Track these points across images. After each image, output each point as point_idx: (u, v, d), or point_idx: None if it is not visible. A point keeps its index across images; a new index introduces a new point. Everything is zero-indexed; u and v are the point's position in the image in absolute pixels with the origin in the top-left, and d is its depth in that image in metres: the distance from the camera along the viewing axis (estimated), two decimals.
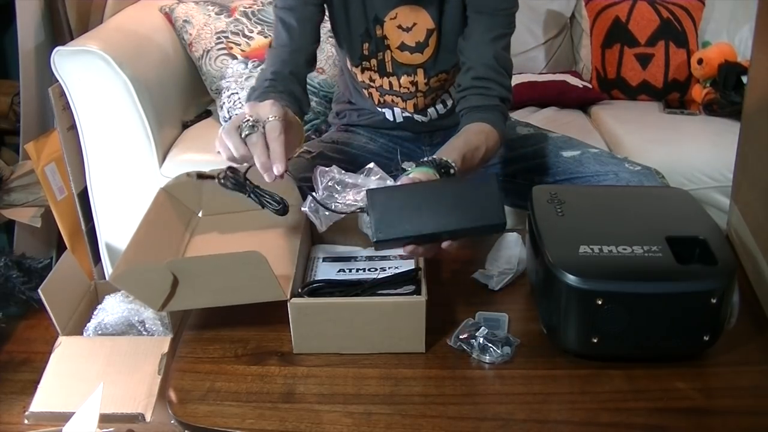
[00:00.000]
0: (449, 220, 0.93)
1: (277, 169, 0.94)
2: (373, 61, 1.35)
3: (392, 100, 1.41)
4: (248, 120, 0.95)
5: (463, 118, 1.26)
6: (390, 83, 1.37)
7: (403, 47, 1.32)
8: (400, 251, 1.08)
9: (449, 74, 1.38)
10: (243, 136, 0.94)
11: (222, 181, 0.96)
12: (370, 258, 1.10)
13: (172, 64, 1.89)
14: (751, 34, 1.99)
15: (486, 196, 0.94)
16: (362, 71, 1.37)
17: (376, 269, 1.07)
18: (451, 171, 1.05)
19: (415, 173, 1.01)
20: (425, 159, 1.06)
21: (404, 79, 1.36)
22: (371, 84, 1.39)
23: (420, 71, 1.35)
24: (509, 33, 1.28)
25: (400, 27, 1.30)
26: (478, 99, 1.25)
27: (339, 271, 1.08)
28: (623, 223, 1.01)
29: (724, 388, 0.91)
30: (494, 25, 1.25)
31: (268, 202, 0.91)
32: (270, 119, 0.95)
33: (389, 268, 1.07)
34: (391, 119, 1.45)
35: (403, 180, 1.00)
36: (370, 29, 1.31)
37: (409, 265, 1.07)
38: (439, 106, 1.43)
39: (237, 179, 0.96)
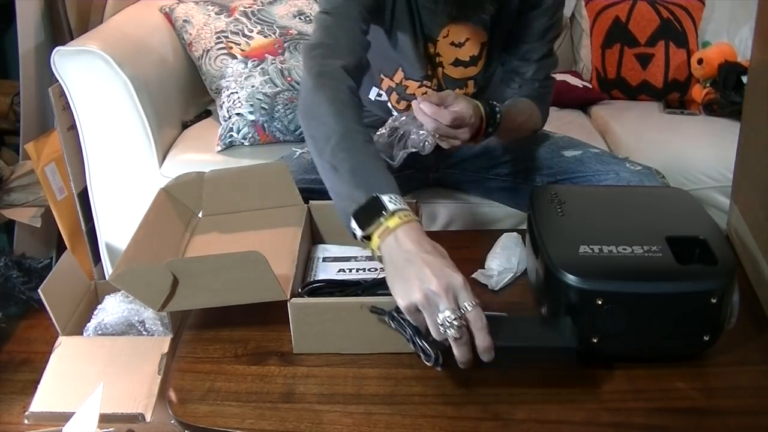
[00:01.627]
0: None
1: (487, 358, 0.86)
2: (435, 80, 1.33)
3: None
4: (454, 319, 0.82)
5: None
6: None
7: (456, 63, 1.31)
8: None
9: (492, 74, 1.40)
10: (443, 331, 0.84)
11: (387, 319, 0.91)
12: (370, 258, 1.10)
13: (172, 64, 1.89)
14: (751, 34, 1.99)
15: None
16: (419, 86, 1.35)
17: (376, 269, 1.07)
18: (497, 110, 1.19)
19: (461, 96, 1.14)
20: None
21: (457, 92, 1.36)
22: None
23: (470, 83, 1.35)
24: (557, 36, 1.37)
25: (452, 43, 1.29)
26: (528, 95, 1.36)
27: (339, 271, 1.08)
28: (623, 223, 1.01)
29: (724, 388, 0.91)
30: (543, 45, 1.32)
31: (423, 350, 0.87)
32: (469, 308, 0.84)
33: None
34: None
35: (449, 93, 1.15)
36: (423, 48, 1.29)
37: None
38: None
39: (401, 321, 0.90)
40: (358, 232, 0.92)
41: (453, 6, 1.20)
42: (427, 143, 1.12)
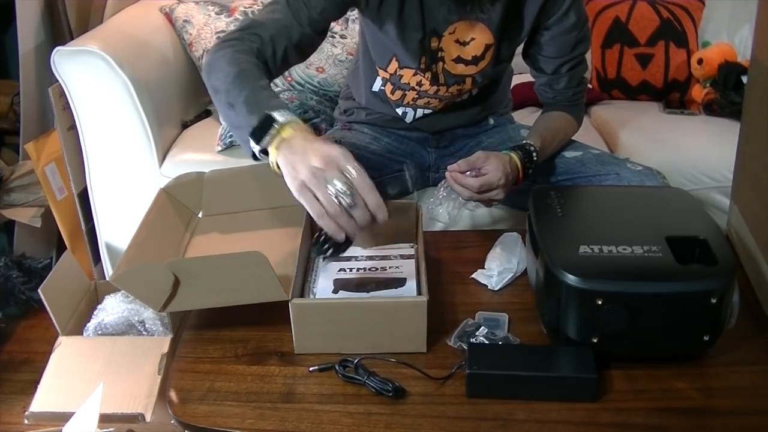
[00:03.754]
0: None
1: (381, 216, 0.88)
2: (428, 74, 1.33)
3: (426, 103, 1.40)
4: (344, 187, 0.86)
5: (546, 107, 1.43)
6: (437, 90, 1.37)
7: (458, 60, 1.31)
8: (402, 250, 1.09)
9: (496, 76, 1.41)
10: (339, 202, 0.86)
11: (337, 369, 0.93)
12: (370, 257, 1.10)
13: (172, 64, 1.89)
14: (751, 34, 1.99)
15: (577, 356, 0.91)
16: (414, 74, 1.35)
17: (377, 269, 1.07)
18: (532, 150, 1.24)
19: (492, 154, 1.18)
20: (511, 145, 1.25)
21: (453, 88, 1.36)
22: (416, 87, 1.37)
23: (469, 80, 1.35)
24: (588, 48, 1.37)
25: (457, 41, 1.29)
26: (562, 105, 1.41)
27: (339, 270, 1.08)
28: (623, 223, 1.01)
29: (724, 388, 0.91)
30: (574, 58, 1.35)
31: (382, 388, 0.89)
32: (354, 173, 0.87)
33: (390, 267, 1.07)
34: (409, 120, 1.45)
35: (479, 155, 1.17)
36: (425, 41, 1.28)
37: (409, 266, 1.07)
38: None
39: (349, 371, 0.92)
40: (256, 148, 0.95)
41: (451, 1, 1.21)
42: (471, 203, 1.21)
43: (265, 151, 0.95)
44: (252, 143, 0.96)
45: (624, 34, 2.11)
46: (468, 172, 1.17)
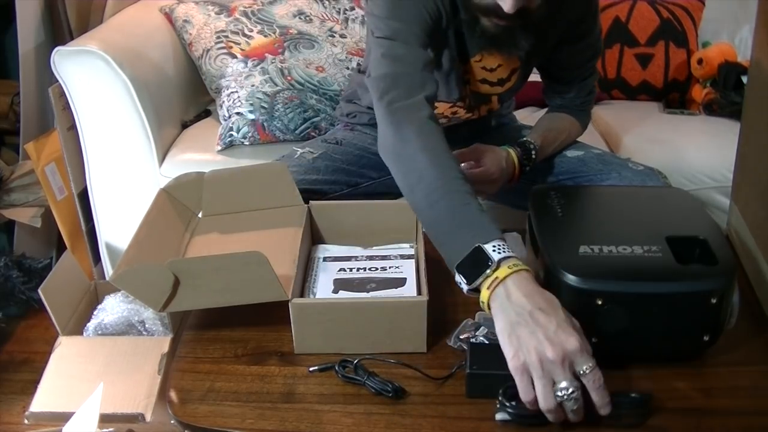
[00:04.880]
0: None
1: (605, 412, 0.81)
2: (467, 101, 1.32)
3: (447, 121, 1.39)
4: (572, 392, 0.78)
5: (551, 109, 1.44)
6: (470, 115, 1.37)
7: (483, 81, 1.31)
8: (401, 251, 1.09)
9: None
10: (560, 402, 0.79)
11: (336, 369, 0.92)
12: (370, 257, 1.10)
13: (172, 64, 1.89)
14: (751, 34, 1.99)
15: None
16: (450, 107, 1.34)
17: (377, 269, 1.07)
18: (531, 148, 1.27)
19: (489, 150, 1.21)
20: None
21: (483, 108, 1.37)
22: (449, 116, 1.36)
23: (494, 98, 1.36)
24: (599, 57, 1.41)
25: (484, 68, 1.29)
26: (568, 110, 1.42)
27: (339, 270, 1.08)
28: (623, 223, 1.01)
29: (724, 388, 0.91)
30: (587, 69, 1.37)
31: (382, 389, 0.88)
32: (587, 371, 0.79)
33: (390, 267, 1.07)
34: None
35: (474, 148, 1.20)
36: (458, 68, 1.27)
37: (409, 266, 1.07)
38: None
39: (349, 371, 0.91)
40: (464, 287, 0.90)
41: (483, 39, 1.19)
42: None
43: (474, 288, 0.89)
44: (459, 277, 0.90)
45: (624, 33, 2.11)
46: (462, 164, 1.16)
